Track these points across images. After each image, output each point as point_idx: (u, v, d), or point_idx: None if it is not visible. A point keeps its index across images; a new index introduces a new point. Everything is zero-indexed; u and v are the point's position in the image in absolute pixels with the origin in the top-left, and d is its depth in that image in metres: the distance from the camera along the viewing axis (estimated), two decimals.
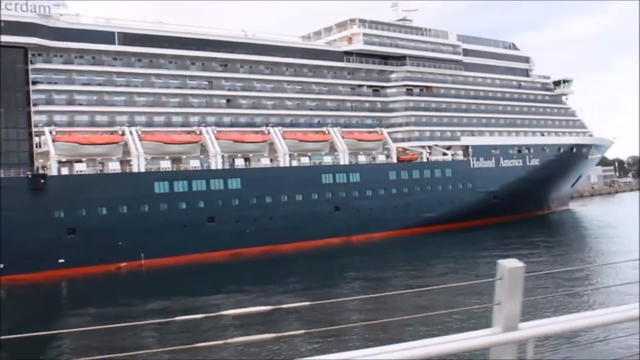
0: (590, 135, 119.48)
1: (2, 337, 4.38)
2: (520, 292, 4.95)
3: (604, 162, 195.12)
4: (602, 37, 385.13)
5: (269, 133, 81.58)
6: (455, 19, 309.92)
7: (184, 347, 4.64)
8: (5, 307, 48.16)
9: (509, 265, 4.93)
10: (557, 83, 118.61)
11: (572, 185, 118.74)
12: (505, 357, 4.96)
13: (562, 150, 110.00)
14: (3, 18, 65.23)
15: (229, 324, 31.77)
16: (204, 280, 57.29)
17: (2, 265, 59.36)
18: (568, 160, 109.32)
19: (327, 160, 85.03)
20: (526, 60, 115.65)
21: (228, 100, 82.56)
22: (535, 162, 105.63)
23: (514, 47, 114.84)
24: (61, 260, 63.02)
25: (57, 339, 31.85)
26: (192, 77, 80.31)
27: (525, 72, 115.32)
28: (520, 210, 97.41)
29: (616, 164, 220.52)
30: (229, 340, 4.48)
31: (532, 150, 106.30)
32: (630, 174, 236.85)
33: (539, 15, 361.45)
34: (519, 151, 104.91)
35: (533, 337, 5.06)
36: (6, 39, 65.58)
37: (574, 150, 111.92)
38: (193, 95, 79.95)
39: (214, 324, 30.85)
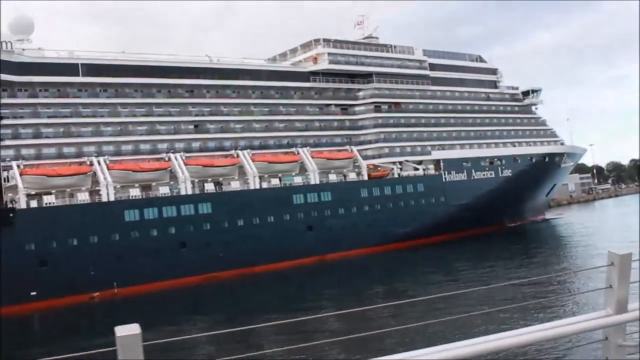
0: (562, 144, 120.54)
1: None
2: (629, 277, 5.43)
3: (582, 169, 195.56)
4: (570, 49, 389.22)
5: (238, 156, 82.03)
6: (423, 33, 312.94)
7: None
8: None
9: (620, 252, 5.41)
10: (525, 93, 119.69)
11: (547, 194, 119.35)
12: (617, 338, 5.51)
13: (534, 160, 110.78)
14: None
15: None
16: (179, 306, 57.33)
17: None
18: (541, 169, 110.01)
19: (298, 180, 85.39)
20: (494, 72, 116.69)
21: (196, 126, 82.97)
22: (507, 173, 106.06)
23: (481, 60, 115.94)
24: (33, 293, 62.85)
25: None
26: (158, 105, 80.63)
27: (494, 84, 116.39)
28: (494, 222, 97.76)
29: (594, 171, 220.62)
30: None
31: (504, 161, 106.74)
32: (609, 181, 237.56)
33: (508, 29, 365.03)
34: (491, 163, 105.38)
35: None
36: None
37: (547, 159, 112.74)
38: (160, 123, 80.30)
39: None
